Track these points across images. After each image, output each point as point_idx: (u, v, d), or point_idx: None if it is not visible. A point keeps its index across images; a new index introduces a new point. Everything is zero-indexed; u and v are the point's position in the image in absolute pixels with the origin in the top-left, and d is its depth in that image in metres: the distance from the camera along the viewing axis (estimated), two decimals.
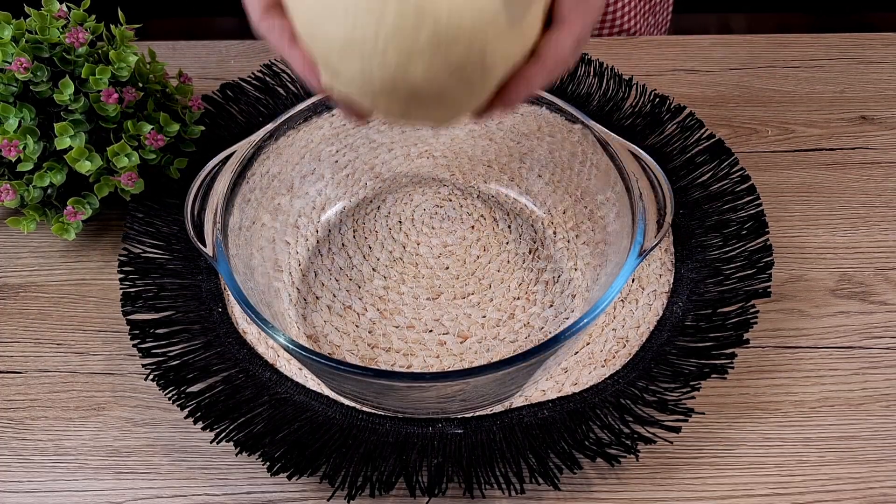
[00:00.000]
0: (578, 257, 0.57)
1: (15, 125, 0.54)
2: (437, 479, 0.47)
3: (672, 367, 0.51)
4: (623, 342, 0.53)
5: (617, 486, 0.48)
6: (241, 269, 0.49)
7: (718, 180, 0.61)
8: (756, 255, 0.56)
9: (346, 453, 0.48)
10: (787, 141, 0.67)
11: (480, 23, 0.38)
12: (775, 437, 0.50)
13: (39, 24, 0.56)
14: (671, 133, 0.64)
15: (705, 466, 0.49)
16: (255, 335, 0.54)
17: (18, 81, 0.55)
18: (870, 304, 0.56)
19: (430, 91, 0.40)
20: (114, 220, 0.62)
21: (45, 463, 0.50)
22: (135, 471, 0.49)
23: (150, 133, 0.57)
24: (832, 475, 0.48)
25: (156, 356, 0.52)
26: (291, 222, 0.59)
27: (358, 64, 0.39)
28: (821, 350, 0.54)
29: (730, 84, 0.71)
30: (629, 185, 0.49)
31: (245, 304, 0.44)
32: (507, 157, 0.62)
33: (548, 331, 0.54)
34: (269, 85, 0.68)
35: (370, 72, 0.39)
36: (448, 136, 0.62)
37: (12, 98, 0.55)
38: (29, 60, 0.54)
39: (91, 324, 0.56)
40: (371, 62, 0.39)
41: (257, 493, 0.48)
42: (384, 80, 0.39)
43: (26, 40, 0.55)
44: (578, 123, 0.53)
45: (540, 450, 0.48)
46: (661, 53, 0.74)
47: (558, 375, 0.51)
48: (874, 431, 0.50)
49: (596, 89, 0.67)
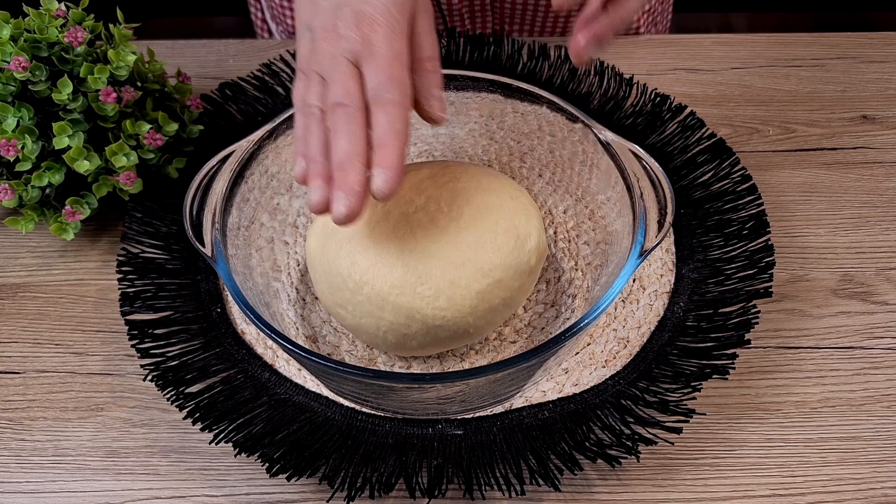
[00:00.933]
0: (579, 257, 0.57)
1: (13, 125, 0.54)
2: (437, 480, 0.47)
3: (673, 367, 0.51)
4: (624, 342, 0.52)
5: (618, 488, 0.48)
6: (239, 270, 0.49)
7: (719, 180, 0.61)
8: (757, 255, 0.56)
9: (346, 454, 0.47)
10: (788, 140, 0.66)
11: (461, 313, 0.48)
12: (777, 437, 0.50)
13: (38, 23, 0.55)
14: (672, 132, 0.64)
15: (706, 467, 0.49)
16: (253, 335, 0.53)
17: (17, 81, 0.54)
18: (871, 305, 0.56)
19: (428, 353, 0.51)
20: (112, 220, 0.62)
21: (43, 464, 0.50)
22: (133, 471, 0.49)
23: (148, 133, 0.57)
24: (834, 476, 0.48)
25: (154, 356, 0.52)
26: (290, 222, 0.58)
27: (364, 338, 0.51)
28: (822, 350, 0.54)
29: (731, 83, 0.71)
30: (630, 184, 0.49)
31: (244, 304, 0.44)
32: (507, 156, 0.61)
33: (549, 331, 0.54)
34: (267, 84, 0.68)
35: (375, 344, 0.50)
36: (448, 136, 0.61)
37: (10, 97, 0.55)
38: (27, 60, 0.53)
39: (89, 324, 0.56)
40: (374, 340, 0.50)
41: (256, 494, 0.48)
42: (387, 348, 0.51)
43: (25, 39, 0.55)
44: (579, 123, 0.53)
45: (540, 451, 0.47)
46: (662, 52, 0.74)
47: (559, 376, 0.51)
48: (876, 432, 0.50)
49: (596, 88, 0.67)
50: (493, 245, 0.49)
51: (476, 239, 0.49)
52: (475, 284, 0.48)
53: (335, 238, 0.50)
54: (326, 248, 0.51)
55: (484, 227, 0.49)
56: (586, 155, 0.54)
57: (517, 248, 0.49)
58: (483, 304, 0.48)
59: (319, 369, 0.44)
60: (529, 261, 0.50)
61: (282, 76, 0.68)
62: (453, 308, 0.47)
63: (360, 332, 0.50)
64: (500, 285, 0.48)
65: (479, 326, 0.49)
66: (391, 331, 0.48)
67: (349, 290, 0.48)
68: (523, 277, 0.50)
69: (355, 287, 0.48)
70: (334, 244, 0.50)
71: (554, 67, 0.69)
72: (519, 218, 0.51)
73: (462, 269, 0.47)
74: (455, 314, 0.48)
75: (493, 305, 0.49)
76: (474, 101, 0.59)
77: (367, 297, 0.48)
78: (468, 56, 0.70)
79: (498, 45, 0.70)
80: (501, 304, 0.49)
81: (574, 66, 0.68)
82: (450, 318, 0.48)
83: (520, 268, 0.50)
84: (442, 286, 0.47)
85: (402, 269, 0.47)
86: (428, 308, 0.47)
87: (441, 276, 0.47)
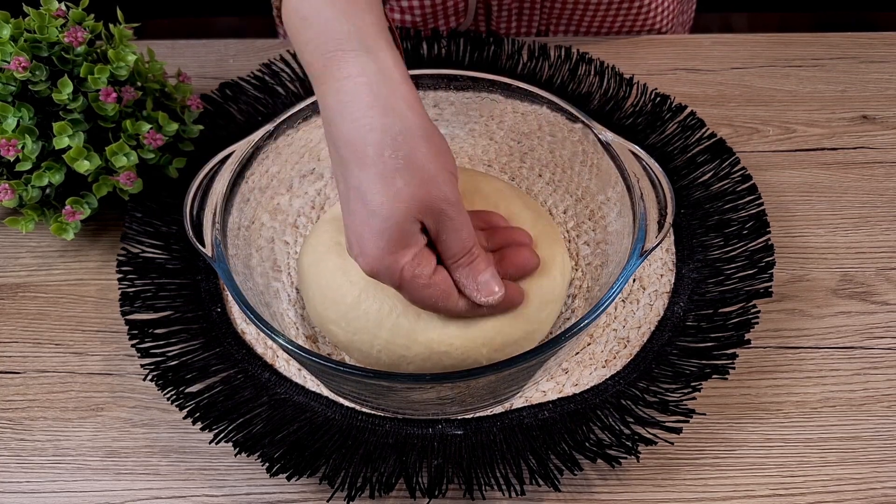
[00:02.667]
0: (579, 257, 0.57)
1: (13, 125, 0.54)
2: (437, 480, 0.47)
3: (673, 367, 0.51)
4: (624, 342, 0.52)
5: (618, 488, 0.48)
6: (239, 270, 0.49)
7: (719, 180, 0.61)
8: (757, 255, 0.56)
9: (346, 454, 0.47)
10: (788, 140, 0.66)
11: (473, 344, 0.46)
12: (777, 437, 0.50)
13: (38, 23, 0.55)
14: (672, 132, 0.64)
15: (706, 467, 0.49)
16: (253, 335, 0.53)
17: (17, 81, 0.54)
18: (871, 305, 0.56)
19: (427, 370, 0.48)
20: (112, 220, 0.62)
21: (43, 464, 0.50)
22: (133, 471, 0.49)
23: (148, 132, 0.57)
24: (834, 476, 0.48)
25: (154, 356, 0.52)
26: (290, 222, 0.58)
27: (357, 355, 0.49)
28: (822, 350, 0.54)
29: (731, 83, 0.71)
30: (630, 184, 0.49)
31: (244, 304, 0.44)
32: (507, 156, 0.61)
33: (549, 331, 0.54)
34: (268, 84, 0.68)
35: (367, 363, 0.49)
36: (448, 136, 0.61)
37: (11, 97, 0.55)
38: (27, 59, 0.53)
39: (89, 324, 0.56)
40: (367, 359, 0.48)
41: (256, 493, 0.48)
42: (381, 366, 0.48)
43: (25, 39, 0.55)
44: (579, 123, 0.53)
45: (540, 451, 0.47)
46: (662, 52, 0.73)
47: (559, 376, 0.51)
48: (875, 432, 0.50)
49: (597, 88, 0.67)
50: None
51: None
52: (492, 317, 0.46)
53: (334, 252, 0.50)
54: (323, 262, 0.50)
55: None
56: (586, 155, 0.54)
57: (541, 277, 0.48)
58: (500, 338, 0.46)
59: (319, 369, 0.44)
60: (554, 289, 0.49)
61: (282, 76, 0.68)
62: (464, 337, 0.46)
63: (353, 350, 0.49)
64: (521, 317, 0.47)
65: (494, 359, 0.47)
66: (386, 350, 0.47)
67: (346, 304, 0.48)
68: (549, 307, 0.49)
69: (353, 301, 0.47)
70: (334, 257, 0.50)
71: (554, 67, 0.69)
72: (542, 243, 0.50)
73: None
74: (466, 343, 0.46)
75: (514, 339, 0.47)
76: (474, 101, 0.59)
77: (365, 312, 0.47)
78: (468, 56, 0.70)
79: (498, 45, 0.70)
80: (523, 338, 0.48)
81: (573, 67, 0.68)
82: (458, 347, 0.46)
83: (544, 297, 0.48)
84: None
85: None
86: (434, 332, 0.46)
87: None
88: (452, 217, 0.42)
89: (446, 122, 0.60)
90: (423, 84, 0.57)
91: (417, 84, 0.58)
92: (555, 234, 0.52)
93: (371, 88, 0.41)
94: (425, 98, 0.59)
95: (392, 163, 0.40)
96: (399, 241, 0.41)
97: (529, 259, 0.47)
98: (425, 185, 0.40)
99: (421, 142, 0.41)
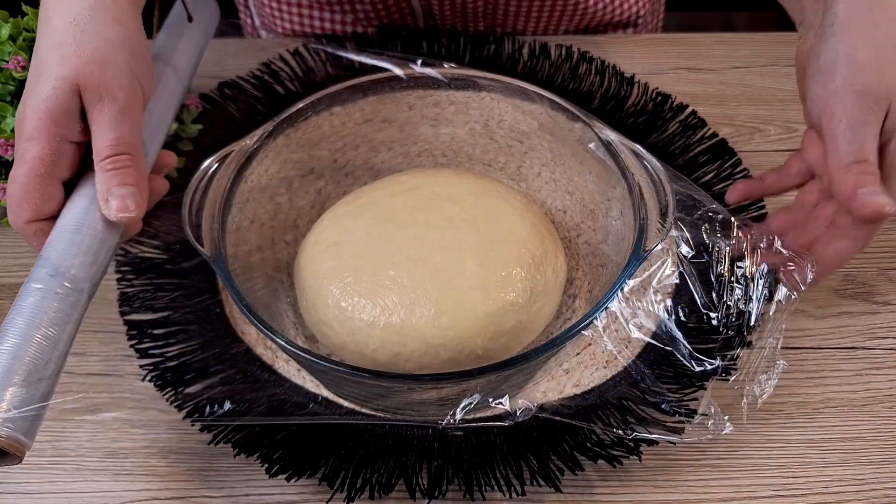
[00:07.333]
0: (579, 257, 0.57)
1: (12, 124, 0.54)
2: (437, 481, 0.47)
3: (674, 367, 0.51)
4: (625, 343, 0.52)
5: (619, 488, 0.48)
6: (239, 270, 0.48)
7: (721, 180, 0.60)
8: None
9: (345, 455, 0.47)
10: (789, 140, 0.66)
11: (468, 334, 0.46)
12: (778, 438, 0.50)
13: (37, 22, 0.55)
14: (673, 132, 0.64)
15: (708, 468, 0.49)
16: (253, 336, 0.53)
17: (15, 80, 0.54)
18: (873, 305, 0.56)
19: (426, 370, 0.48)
20: None
21: (42, 464, 0.49)
22: (132, 472, 0.49)
23: None
24: (835, 476, 0.48)
25: (153, 357, 0.52)
26: (290, 222, 0.58)
27: (351, 357, 0.49)
28: (824, 351, 0.54)
29: (732, 82, 0.71)
30: (631, 184, 0.48)
31: (243, 304, 0.44)
32: (507, 156, 0.61)
33: (549, 331, 0.54)
34: (267, 83, 0.68)
35: (364, 363, 0.48)
36: (448, 136, 0.61)
37: (9, 97, 0.55)
38: (26, 59, 0.53)
39: (88, 324, 0.55)
40: (362, 361, 0.48)
41: (255, 494, 0.48)
42: (378, 366, 0.48)
43: (24, 38, 0.55)
44: (580, 122, 0.53)
45: (541, 451, 0.47)
46: (663, 51, 0.73)
47: (559, 376, 0.51)
48: (877, 432, 0.50)
49: (597, 87, 0.67)
50: (505, 268, 0.48)
51: (486, 260, 0.48)
52: (483, 307, 0.47)
53: (331, 252, 0.50)
54: (318, 263, 0.50)
55: (496, 248, 0.49)
56: (587, 154, 0.54)
57: (532, 269, 0.49)
58: (493, 327, 0.47)
59: (319, 369, 0.44)
60: (546, 284, 0.50)
61: (281, 75, 0.68)
62: (458, 328, 0.46)
63: (346, 352, 0.49)
64: (513, 308, 0.48)
65: (491, 349, 0.48)
66: (381, 349, 0.47)
67: (339, 307, 0.48)
68: (541, 299, 0.49)
69: (346, 305, 0.48)
70: (329, 258, 0.50)
71: (554, 67, 0.69)
72: (537, 240, 0.50)
73: (469, 294, 0.47)
74: (460, 334, 0.46)
75: (507, 328, 0.48)
76: (474, 101, 0.58)
77: (358, 314, 0.47)
78: (468, 55, 0.70)
79: (498, 45, 0.70)
80: (517, 328, 0.48)
81: (574, 66, 0.68)
82: (453, 338, 0.46)
83: (535, 289, 0.49)
84: (445, 307, 0.47)
85: (397, 292, 0.47)
86: (427, 326, 0.46)
87: (444, 297, 0.47)
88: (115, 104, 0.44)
89: (446, 121, 0.60)
90: (423, 83, 0.57)
91: (418, 84, 0.58)
92: (551, 233, 0.52)
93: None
94: (426, 97, 0.59)
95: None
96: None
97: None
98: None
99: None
